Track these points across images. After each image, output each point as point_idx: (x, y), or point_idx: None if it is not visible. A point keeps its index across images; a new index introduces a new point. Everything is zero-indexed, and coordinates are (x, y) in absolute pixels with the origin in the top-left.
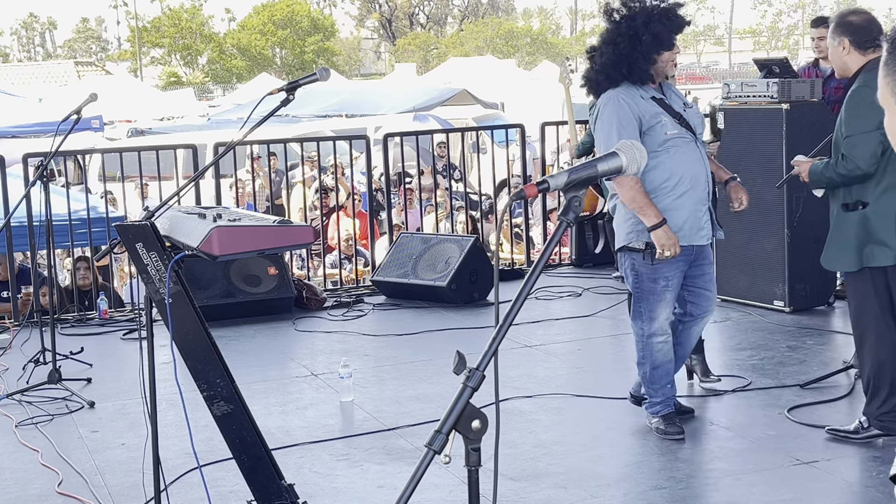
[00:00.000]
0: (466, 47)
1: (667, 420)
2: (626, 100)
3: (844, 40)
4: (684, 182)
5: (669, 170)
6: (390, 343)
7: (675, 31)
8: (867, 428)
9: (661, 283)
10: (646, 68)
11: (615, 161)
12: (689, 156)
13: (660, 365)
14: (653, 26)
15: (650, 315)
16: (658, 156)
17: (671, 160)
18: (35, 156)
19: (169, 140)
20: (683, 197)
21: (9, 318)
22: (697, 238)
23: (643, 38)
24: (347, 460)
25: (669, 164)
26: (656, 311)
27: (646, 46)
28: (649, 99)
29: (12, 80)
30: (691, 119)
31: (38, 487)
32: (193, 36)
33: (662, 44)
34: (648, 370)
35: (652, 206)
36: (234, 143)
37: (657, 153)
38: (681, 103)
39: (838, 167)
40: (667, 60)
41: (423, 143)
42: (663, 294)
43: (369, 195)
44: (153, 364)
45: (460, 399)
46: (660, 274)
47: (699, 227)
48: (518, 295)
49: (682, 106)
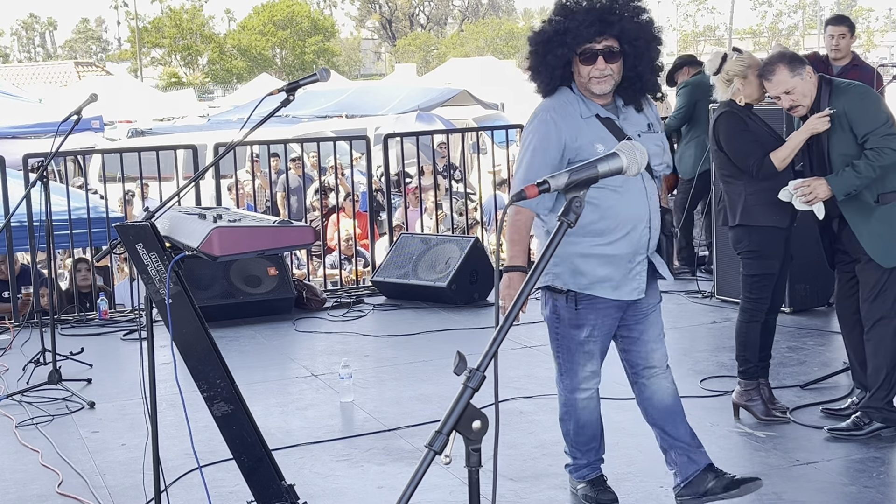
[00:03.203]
0: (467, 48)
1: (594, 485)
2: (555, 118)
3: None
4: (619, 227)
5: (600, 210)
6: (390, 343)
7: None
8: (869, 422)
9: (584, 330)
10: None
11: (615, 162)
12: (631, 196)
13: (586, 424)
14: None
15: (571, 367)
16: (588, 193)
17: (605, 199)
18: (35, 156)
19: (169, 140)
20: (613, 245)
21: (9, 319)
22: (624, 293)
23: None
24: (348, 461)
25: (602, 204)
26: (578, 363)
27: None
28: (591, 118)
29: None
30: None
31: (38, 488)
32: (194, 36)
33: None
34: (572, 429)
35: (517, 247)
36: (234, 143)
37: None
38: (641, 127)
39: (877, 161)
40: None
41: (425, 142)
42: (586, 344)
43: (369, 195)
44: (153, 364)
45: (461, 399)
46: (584, 320)
47: (627, 282)
48: (518, 295)
49: (641, 131)
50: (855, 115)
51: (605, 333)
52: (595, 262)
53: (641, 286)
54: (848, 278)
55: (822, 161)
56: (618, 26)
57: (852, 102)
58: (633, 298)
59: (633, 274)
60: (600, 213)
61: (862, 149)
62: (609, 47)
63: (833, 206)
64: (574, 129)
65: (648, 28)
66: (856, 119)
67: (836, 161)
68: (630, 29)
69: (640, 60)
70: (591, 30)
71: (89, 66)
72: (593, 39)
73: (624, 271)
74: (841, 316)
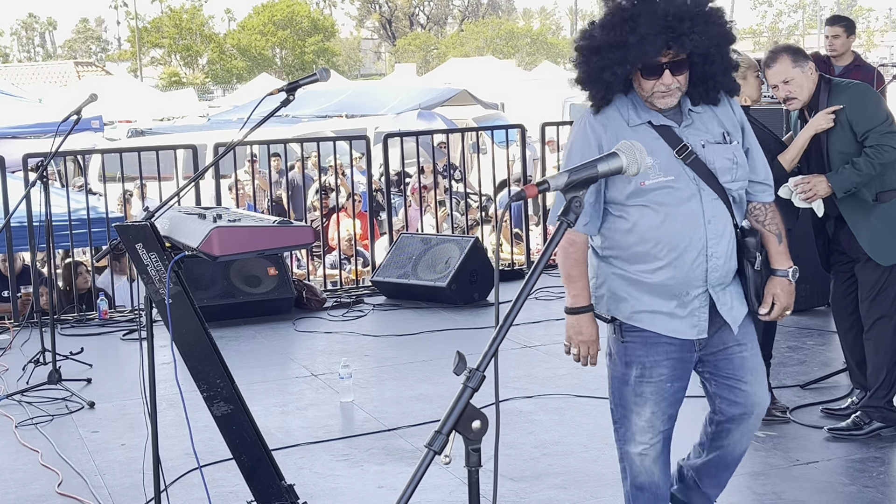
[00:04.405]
0: (466, 48)
1: None
2: (594, 124)
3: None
4: (661, 254)
5: (639, 233)
6: (390, 343)
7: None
8: (869, 422)
9: (633, 369)
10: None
11: (615, 161)
12: (680, 217)
13: (643, 486)
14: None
15: (623, 413)
16: (626, 211)
17: (646, 219)
18: (35, 156)
19: (169, 140)
20: (655, 274)
21: (9, 319)
22: (678, 329)
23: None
24: (347, 461)
25: (643, 225)
26: (631, 410)
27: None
28: (642, 126)
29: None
30: (711, 161)
31: (38, 488)
32: (193, 36)
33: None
34: (629, 489)
35: (579, 283)
36: (234, 143)
37: (625, 208)
38: (711, 135)
39: (877, 158)
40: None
41: (426, 142)
42: (638, 387)
43: (369, 195)
44: (153, 364)
45: (461, 399)
46: (632, 356)
47: (682, 317)
48: (518, 295)
49: (707, 141)
50: (855, 113)
51: (664, 377)
52: (637, 288)
53: (702, 325)
54: (844, 279)
55: (821, 159)
56: (689, 42)
57: (853, 101)
58: (692, 338)
59: (690, 309)
60: (638, 234)
61: (861, 147)
62: (676, 58)
63: (831, 205)
64: (615, 137)
65: (720, 28)
66: (856, 117)
67: (835, 159)
68: (701, 42)
69: (712, 64)
70: (657, 45)
71: (89, 66)
72: (657, 55)
73: (675, 305)
74: (837, 317)
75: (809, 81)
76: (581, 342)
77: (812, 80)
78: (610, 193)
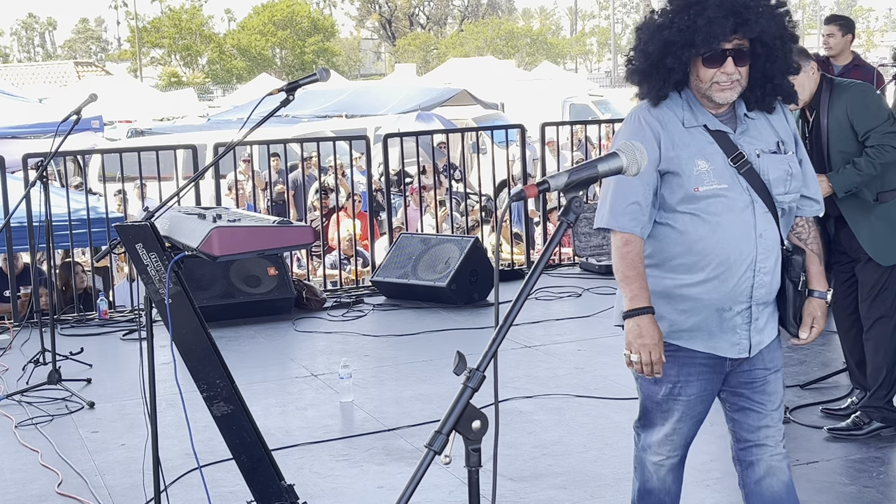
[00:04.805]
0: (466, 48)
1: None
2: (649, 121)
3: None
4: (709, 266)
5: (687, 243)
6: (390, 343)
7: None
8: (869, 422)
9: (662, 387)
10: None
11: (615, 161)
12: (731, 228)
13: (651, 490)
14: None
15: (647, 420)
16: (675, 218)
17: (695, 229)
18: (35, 156)
19: (169, 140)
20: (701, 287)
21: (9, 319)
22: (718, 347)
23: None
24: (347, 461)
25: (691, 235)
26: (655, 423)
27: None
28: (697, 128)
29: (12, 81)
30: (765, 171)
31: (38, 488)
32: (193, 36)
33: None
34: (637, 488)
35: (636, 283)
36: (234, 143)
37: (674, 214)
38: (766, 144)
39: (878, 158)
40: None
41: (427, 142)
42: (665, 404)
43: (369, 195)
44: (153, 364)
45: (460, 399)
46: (663, 376)
47: (723, 334)
48: (518, 295)
49: (761, 150)
50: (856, 113)
51: (693, 396)
52: (680, 305)
53: (744, 343)
54: (844, 279)
55: (822, 159)
56: (756, 25)
57: (854, 100)
58: (732, 356)
59: (732, 326)
60: (686, 244)
61: (862, 147)
62: (740, 46)
63: (832, 205)
64: (671, 137)
65: (787, 23)
66: (857, 117)
67: (836, 159)
68: (769, 28)
69: (774, 62)
70: (726, 26)
71: (89, 66)
72: (725, 38)
73: (717, 321)
74: (837, 317)
75: (811, 81)
76: (642, 346)
77: (814, 80)
78: (661, 197)
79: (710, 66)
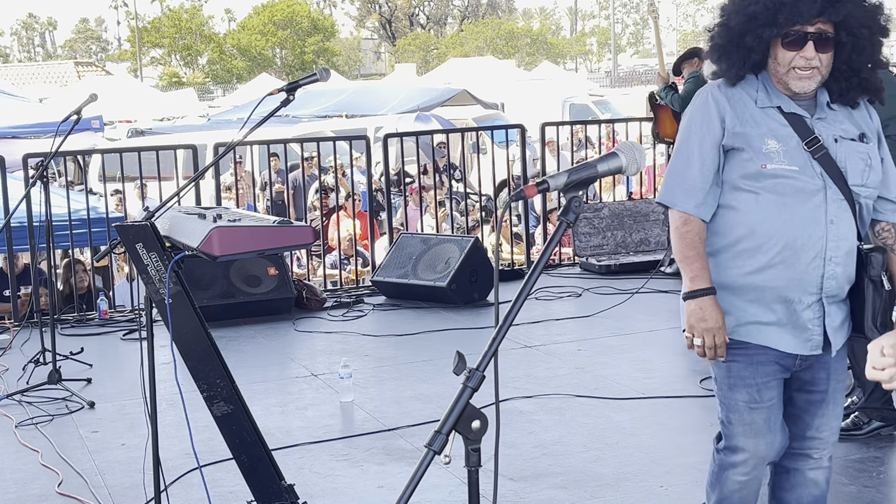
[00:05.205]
0: (466, 48)
1: None
2: (717, 97)
3: None
4: (771, 247)
5: (750, 224)
6: (390, 343)
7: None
8: (868, 422)
9: (741, 393)
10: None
11: (614, 161)
12: (799, 211)
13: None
14: None
15: (729, 428)
16: (738, 196)
17: (759, 209)
18: (35, 156)
19: (169, 140)
20: (764, 273)
21: (9, 319)
22: (789, 343)
23: None
24: (347, 460)
25: (754, 216)
26: (737, 434)
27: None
28: (770, 108)
29: (12, 81)
30: (842, 159)
31: (38, 488)
32: (193, 36)
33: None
34: (714, 500)
35: (696, 263)
36: (234, 143)
37: (735, 193)
38: (846, 131)
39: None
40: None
41: (427, 142)
42: (748, 415)
43: (369, 195)
44: (153, 364)
45: (460, 399)
46: (737, 379)
47: (794, 328)
48: (518, 295)
49: (840, 136)
50: None
51: (773, 402)
52: (746, 295)
53: (816, 339)
54: None
55: None
56: (843, 9)
57: None
58: (804, 353)
59: (803, 320)
60: (748, 226)
61: None
62: (823, 32)
63: None
64: (740, 114)
65: (877, 14)
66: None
67: None
68: (857, 15)
69: (861, 53)
70: (813, 8)
71: (89, 65)
72: (810, 19)
73: (785, 314)
74: None
75: None
76: (705, 330)
77: None
78: (725, 173)
79: (789, 48)
